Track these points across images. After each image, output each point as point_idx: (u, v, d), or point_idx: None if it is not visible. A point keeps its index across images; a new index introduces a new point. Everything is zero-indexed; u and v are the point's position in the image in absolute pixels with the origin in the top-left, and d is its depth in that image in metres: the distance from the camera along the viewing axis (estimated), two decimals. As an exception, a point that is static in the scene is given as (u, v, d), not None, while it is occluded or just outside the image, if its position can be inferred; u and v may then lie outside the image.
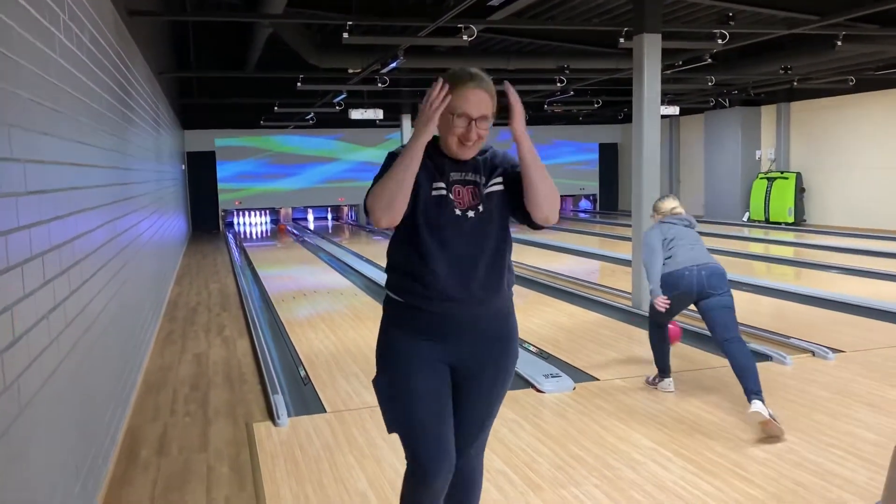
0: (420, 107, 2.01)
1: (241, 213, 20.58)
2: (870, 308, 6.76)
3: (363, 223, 20.49)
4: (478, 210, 2.10)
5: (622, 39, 7.98)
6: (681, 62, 10.78)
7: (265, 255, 13.73)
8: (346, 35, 7.75)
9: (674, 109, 16.64)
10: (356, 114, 15.01)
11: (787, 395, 4.40)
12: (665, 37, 7.09)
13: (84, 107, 3.57)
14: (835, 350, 5.35)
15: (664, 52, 7.07)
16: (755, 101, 17.35)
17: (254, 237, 17.85)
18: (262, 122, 17.90)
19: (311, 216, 21.86)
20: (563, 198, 20.11)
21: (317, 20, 9.47)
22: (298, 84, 11.80)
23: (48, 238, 2.62)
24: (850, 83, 13.50)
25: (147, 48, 7.82)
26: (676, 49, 9.89)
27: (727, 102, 17.69)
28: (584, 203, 23.75)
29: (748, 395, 3.82)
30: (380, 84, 11.41)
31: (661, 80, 6.97)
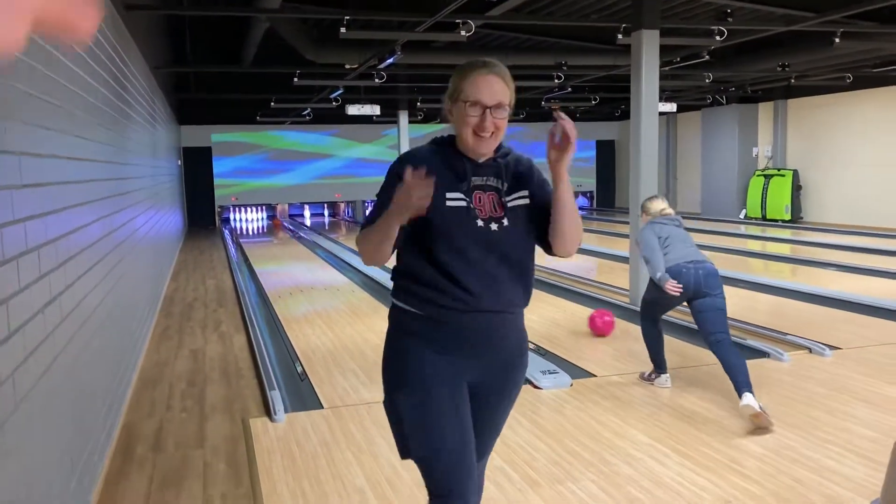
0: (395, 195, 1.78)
1: (238, 209, 20.55)
2: (866, 305, 6.78)
3: (360, 220, 20.49)
4: (501, 223, 1.93)
5: (620, 36, 7.98)
6: (679, 59, 10.77)
7: (262, 252, 13.71)
8: (344, 30, 7.74)
9: (671, 106, 16.63)
10: (353, 109, 14.98)
11: (784, 392, 4.40)
12: (663, 33, 7.08)
13: (80, 100, 3.56)
14: (831, 347, 5.36)
15: (662, 49, 7.06)
16: (752, 99, 17.35)
17: (250, 233, 17.83)
18: (259, 118, 17.86)
19: (308, 212, 21.82)
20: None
21: (314, 15, 9.44)
22: (295, 79, 11.77)
23: (44, 232, 2.61)
24: (848, 80, 13.49)
25: (143, 42, 7.79)
26: (674, 46, 9.89)
27: (724, 99, 17.68)
28: (581, 200, 23.76)
29: (739, 390, 3.92)
30: (377, 80, 11.38)
31: (659, 77, 6.97)
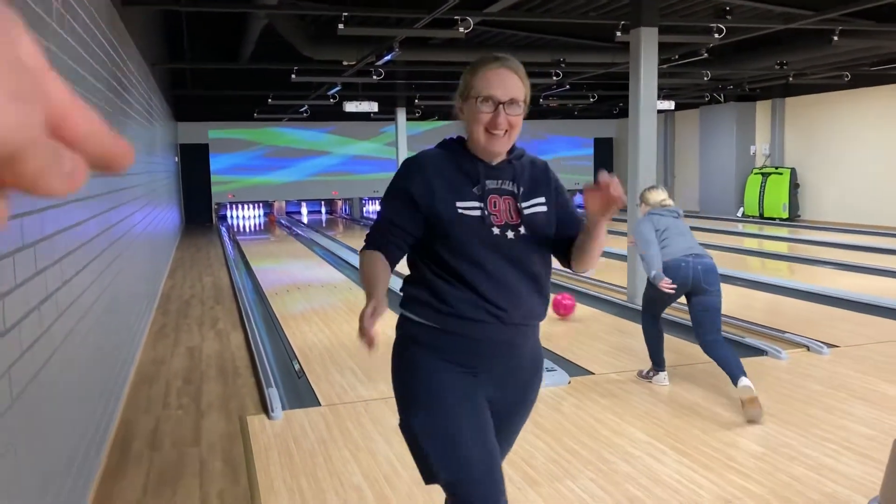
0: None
1: (235, 207, 20.49)
2: (864, 303, 6.78)
3: (357, 217, 20.46)
4: (518, 231, 1.84)
5: (619, 33, 7.97)
6: (677, 56, 10.77)
7: (259, 249, 13.68)
8: (342, 26, 7.72)
9: (669, 104, 16.62)
10: (351, 106, 14.96)
11: (782, 390, 4.40)
12: (662, 31, 7.07)
13: (76, 96, 3.53)
14: (829, 345, 5.36)
15: (660, 47, 7.06)
16: (750, 97, 17.35)
17: (247, 230, 17.80)
18: (256, 115, 17.82)
19: (305, 210, 21.79)
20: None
21: (312, 11, 9.42)
22: (293, 76, 11.74)
23: (40, 228, 2.59)
24: (846, 79, 13.50)
25: (140, 38, 7.76)
26: (673, 43, 9.88)
27: (722, 97, 17.68)
28: (579, 198, 23.72)
29: (734, 376, 3.92)
30: (375, 76, 11.36)
31: (658, 75, 6.96)
